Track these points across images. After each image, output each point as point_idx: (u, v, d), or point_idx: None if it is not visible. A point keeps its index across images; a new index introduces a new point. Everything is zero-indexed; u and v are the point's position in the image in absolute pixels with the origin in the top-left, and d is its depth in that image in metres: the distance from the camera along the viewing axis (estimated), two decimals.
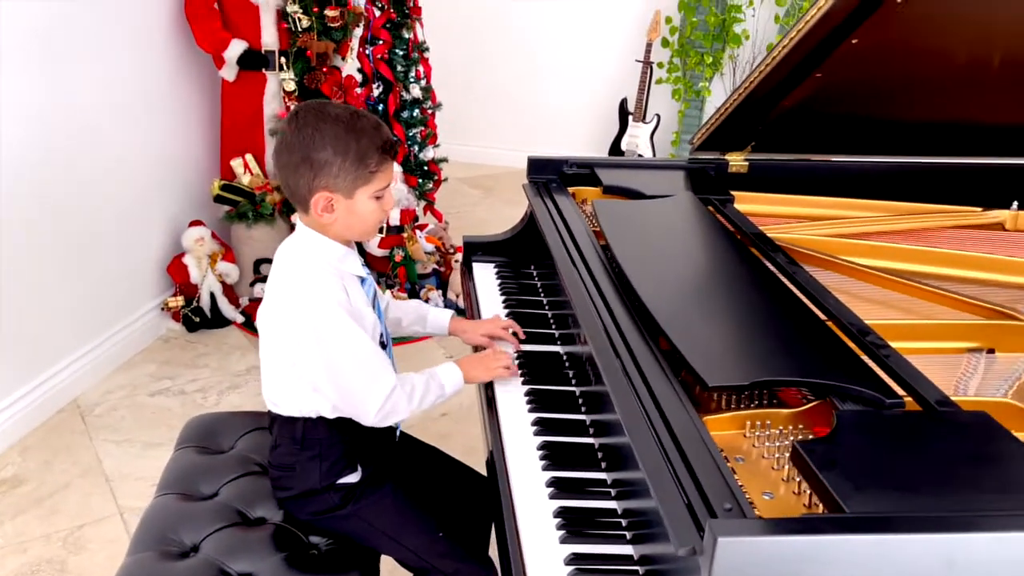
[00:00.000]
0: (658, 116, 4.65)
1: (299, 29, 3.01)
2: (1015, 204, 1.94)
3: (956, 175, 2.03)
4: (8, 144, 2.32)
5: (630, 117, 4.68)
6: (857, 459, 0.95)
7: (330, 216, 1.32)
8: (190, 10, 2.96)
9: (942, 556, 0.79)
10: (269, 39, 3.06)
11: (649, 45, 4.55)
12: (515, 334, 1.62)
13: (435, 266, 3.42)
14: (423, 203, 3.61)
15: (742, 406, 1.17)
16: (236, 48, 3.00)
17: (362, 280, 1.41)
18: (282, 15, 3.03)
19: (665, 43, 4.71)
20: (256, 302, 3.18)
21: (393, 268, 3.25)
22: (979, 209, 1.96)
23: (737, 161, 2.02)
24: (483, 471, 1.50)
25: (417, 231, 3.37)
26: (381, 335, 1.44)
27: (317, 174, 1.28)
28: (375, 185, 1.31)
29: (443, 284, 3.43)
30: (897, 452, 0.96)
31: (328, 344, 1.31)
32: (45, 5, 2.41)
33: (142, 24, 2.85)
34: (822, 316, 1.32)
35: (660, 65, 4.73)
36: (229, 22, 3.02)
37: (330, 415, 1.38)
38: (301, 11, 2.99)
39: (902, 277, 1.55)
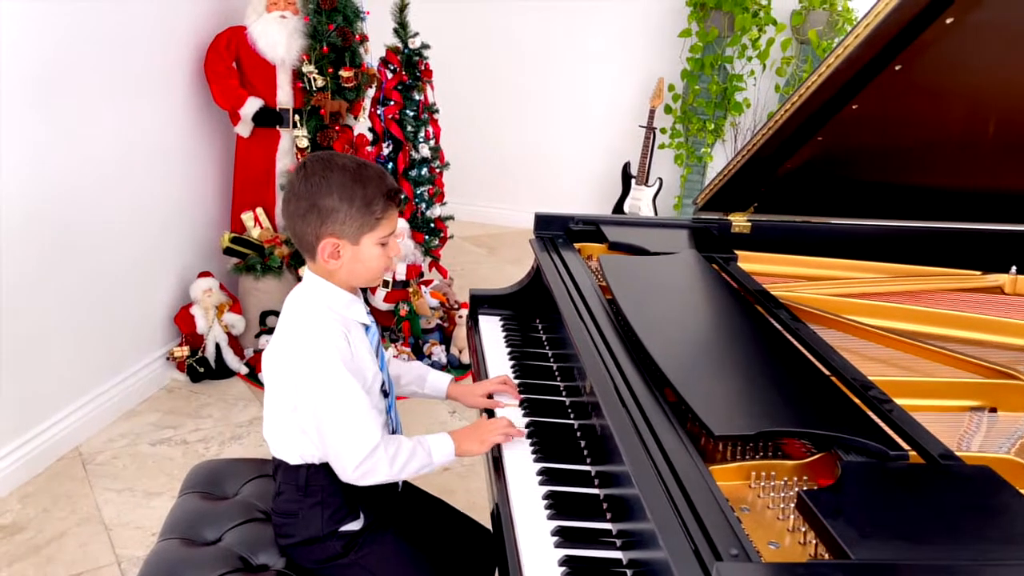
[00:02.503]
0: (660, 180, 4.74)
1: (314, 88, 3.10)
2: (1014, 268, 1.98)
3: (956, 239, 2.07)
4: (20, 191, 2.37)
5: (633, 180, 4.76)
6: (862, 508, 0.96)
7: (336, 262, 1.35)
8: (209, 68, 3.05)
9: None
10: (284, 97, 3.15)
11: (652, 111, 4.66)
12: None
13: (439, 321, 3.44)
14: (429, 259, 3.66)
15: (747, 457, 1.19)
16: (252, 105, 3.09)
17: (366, 328, 1.43)
18: (297, 75, 3.13)
19: (668, 110, 4.82)
20: (260, 354, 3.19)
21: (398, 322, 3.28)
22: (978, 273, 1.99)
23: (740, 221, 2.07)
24: (487, 525, 1.50)
25: (422, 286, 3.41)
26: (384, 383, 1.46)
27: (324, 221, 1.32)
28: (380, 232, 1.35)
29: (447, 339, 3.44)
30: (901, 502, 0.97)
31: (318, 392, 1.33)
32: (66, 55, 2.49)
33: (162, 80, 2.94)
34: (825, 371, 1.34)
35: (663, 131, 4.84)
36: (246, 80, 3.12)
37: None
38: (316, 71, 3.09)
39: (904, 337, 1.58)
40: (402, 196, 1.40)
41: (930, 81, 1.55)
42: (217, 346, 3.13)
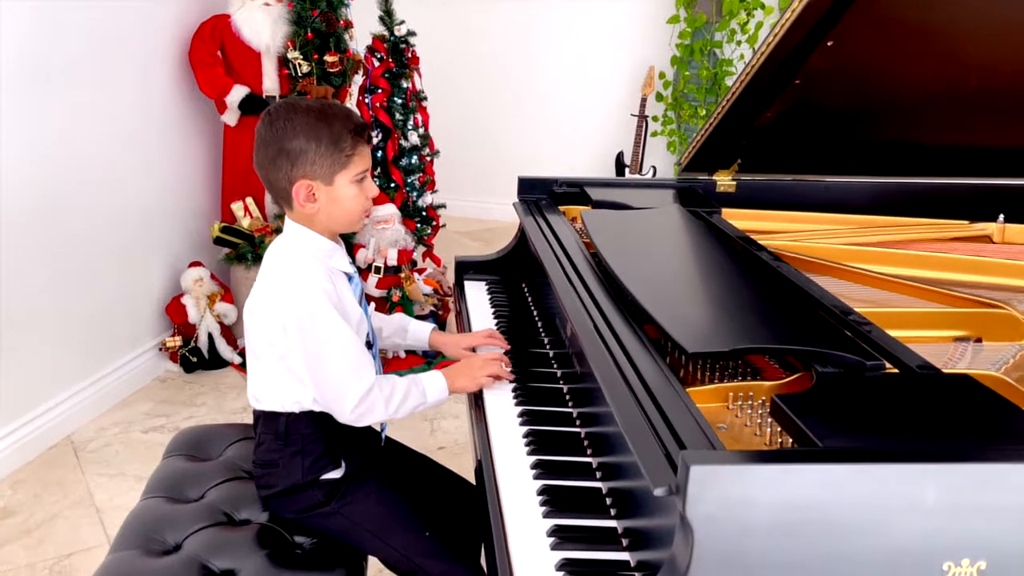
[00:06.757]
0: (654, 168, 4.72)
1: (299, 75, 3.10)
2: (1001, 217, 1.96)
3: (943, 192, 2.05)
4: (9, 180, 2.37)
5: (627, 169, 4.75)
6: (835, 408, 0.94)
7: (313, 205, 1.34)
8: (194, 56, 3.05)
9: (918, 485, 0.78)
10: (270, 84, 3.15)
11: (644, 99, 4.65)
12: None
13: (432, 308, 3.43)
14: (422, 248, 3.64)
15: (725, 380, 1.17)
16: (238, 93, 3.08)
17: (349, 278, 1.42)
18: (283, 61, 3.13)
19: (659, 97, 4.82)
20: None
21: (390, 308, 3.26)
22: (966, 222, 1.98)
23: (725, 181, 2.06)
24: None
25: (415, 273, 3.40)
26: (368, 335, 1.45)
27: (295, 163, 1.31)
28: (353, 169, 1.33)
29: (441, 326, 3.43)
30: (875, 403, 0.96)
31: (310, 333, 1.31)
32: (51, 45, 2.49)
33: (147, 69, 2.94)
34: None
35: (655, 119, 4.83)
36: (231, 68, 3.12)
37: (315, 407, 1.37)
38: (301, 57, 3.09)
39: (894, 279, 1.55)
40: (370, 130, 1.38)
41: (904, 17, 1.54)
42: (210, 336, 3.12)
